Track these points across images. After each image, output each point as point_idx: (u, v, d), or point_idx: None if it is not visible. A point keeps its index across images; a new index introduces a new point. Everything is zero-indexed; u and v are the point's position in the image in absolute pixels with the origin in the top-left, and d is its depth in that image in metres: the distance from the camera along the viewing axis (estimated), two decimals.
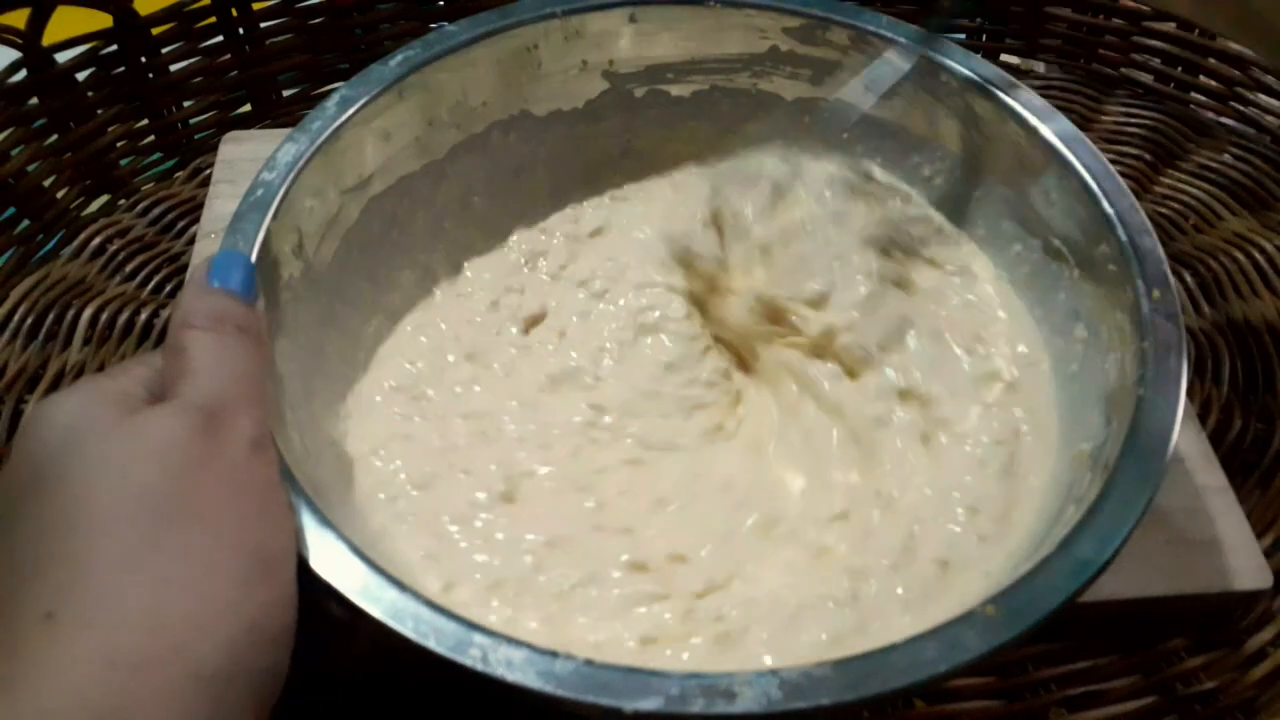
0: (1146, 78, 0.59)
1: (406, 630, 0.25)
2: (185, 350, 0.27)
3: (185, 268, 0.49)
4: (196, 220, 0.49)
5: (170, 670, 0.21)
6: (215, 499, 0.24)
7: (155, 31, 0.53)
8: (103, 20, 0.51)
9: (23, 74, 0.50)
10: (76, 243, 0.51)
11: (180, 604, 0.22)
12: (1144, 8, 0.58)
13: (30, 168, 0.51)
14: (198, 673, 0.22)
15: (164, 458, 0.24)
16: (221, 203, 0.48)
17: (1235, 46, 0.56)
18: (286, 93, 0.58)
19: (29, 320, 0.47)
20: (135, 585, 0.22)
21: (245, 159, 0.49)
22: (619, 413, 0.38)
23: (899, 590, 0.31)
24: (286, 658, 0.24)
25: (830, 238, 0.39)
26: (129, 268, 0.50)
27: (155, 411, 0.25)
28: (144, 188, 0.54)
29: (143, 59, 0.53)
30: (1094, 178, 0.35)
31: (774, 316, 0.39)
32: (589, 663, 0.24)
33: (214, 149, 0.51)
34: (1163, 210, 0.53)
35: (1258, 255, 0.50)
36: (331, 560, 0.26)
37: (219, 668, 0.22)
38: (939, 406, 0.36)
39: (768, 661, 0.29)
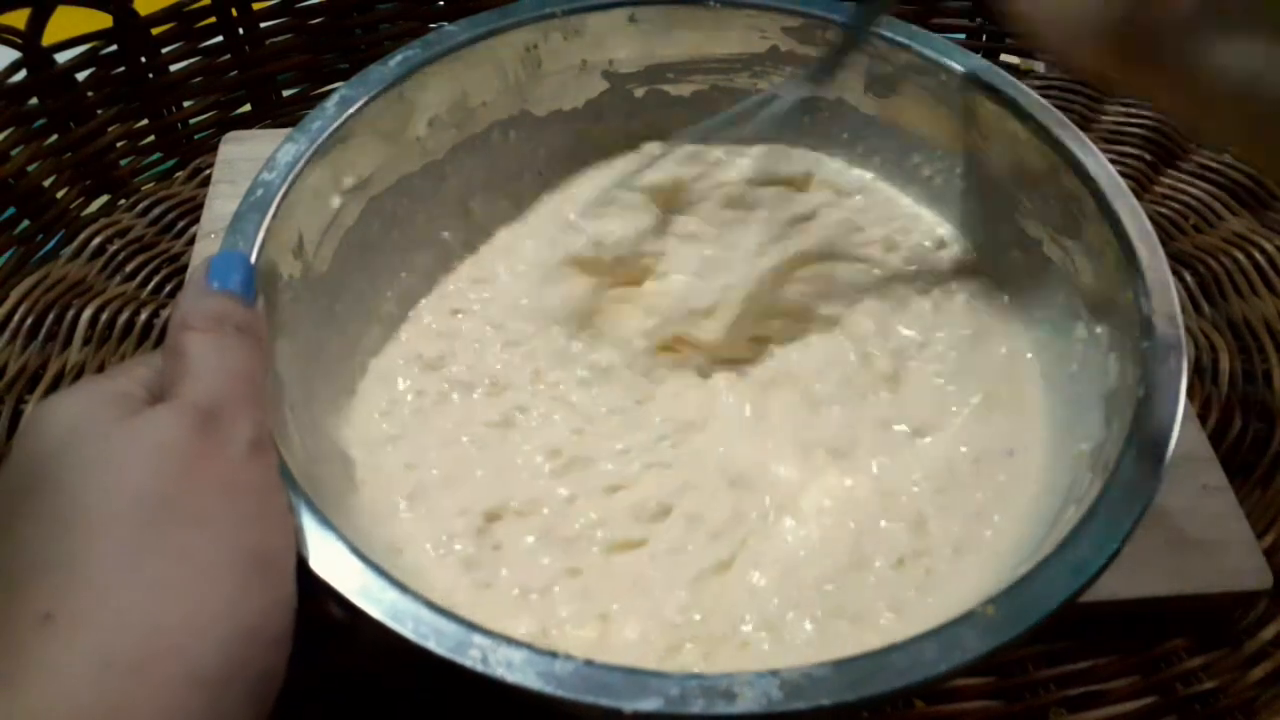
0: None
1: (406, 631, 0.25)
2: (184, 351, 0.27)
3: (185, 268, 0.49)
4: (196, 220, 0.49)
5: (167, 672, 0.21)
6: (213, 500, 0.24)
7: (155, 31, 0.53)
8: (103, 20, 0.51)
9: (23, 74, 0.50)
10: (76, 243, 0.51)
11: (177, 606, 0.22)
12: None
13: (30, 168, 0.51)
14: (194, 674, 0.22)
15: (162, 459, 0.24)
16: (221, 203, 0.48)
17: None
18: (286, 93, 0.58)
19: (29, 320, 0.47)
20: (132, 587, 0.22)
21: (245, 159, 0.49)
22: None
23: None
24: (284, 659, 0.24)
25: None
26: (129, 268, 0.50)
27: (154, 412, 0.25)
28: (144, 188, 0.54)
29: (143, 59, 0.53)
30: (1094, 178, 0.35)
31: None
32: (589, 663, 0.24)
33: (214, 149, 0.51)
34: (1163, 210, 0.53)
35: (1258, 255, 0.50)
36: (331, 561, 0.26)
37: (216, 669, 0.22)
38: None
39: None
